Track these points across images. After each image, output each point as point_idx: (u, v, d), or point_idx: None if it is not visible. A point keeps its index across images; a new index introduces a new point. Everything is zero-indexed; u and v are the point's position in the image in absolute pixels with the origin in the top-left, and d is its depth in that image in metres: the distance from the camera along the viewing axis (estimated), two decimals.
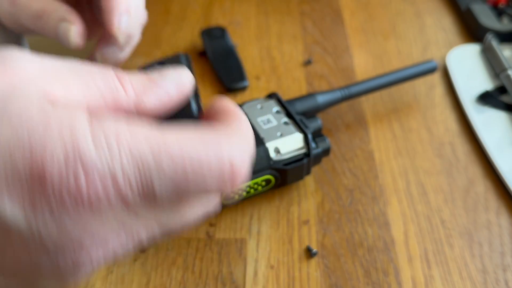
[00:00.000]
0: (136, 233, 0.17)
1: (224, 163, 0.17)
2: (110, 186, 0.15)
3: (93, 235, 0.16)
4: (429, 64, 0.39)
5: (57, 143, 0.14)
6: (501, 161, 0.34)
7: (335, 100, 0.36)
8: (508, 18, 0.46)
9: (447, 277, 0.29)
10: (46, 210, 0.15)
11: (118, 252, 0.17)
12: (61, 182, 0.14)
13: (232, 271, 0.29)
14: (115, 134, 0.15)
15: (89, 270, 0.17)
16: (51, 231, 0.15)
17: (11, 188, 0.14)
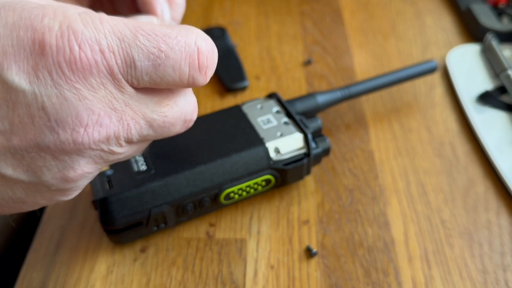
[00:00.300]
0: (125, 122, 0.20)
1: (191, 46, 0.20)
2: (98, 53, 0.18)
3: (88, 110, 0.18)
4: (429, 64, 0.39)
5: (53, 22, 0.18)
6: (501, 161, 0.34)
7: (335, 100, 0.36)
8: (508, 18, 0.46)
9: (447, 277, 0.29)
10: (46, 75, 0.17)
11: (112, 142, 0.20)
12: (58, 50, 0.17)
13: (232, 271, 0.29)
14: (99, 18, 0.19)
15: (89, 166, 0.20)
16: (51, 96, 0.17)
17: (17, 57, 0.17)
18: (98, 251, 0.30)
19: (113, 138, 0.20)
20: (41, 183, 0.19)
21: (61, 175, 0.20)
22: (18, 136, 0.18)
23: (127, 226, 0.29)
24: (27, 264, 0.30)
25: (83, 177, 0.20)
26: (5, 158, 0.18)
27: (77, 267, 0.30)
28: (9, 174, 0.19)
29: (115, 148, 0.20)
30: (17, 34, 0.17)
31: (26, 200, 0.20)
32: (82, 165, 0.20)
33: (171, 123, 0.22)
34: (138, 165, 0.29)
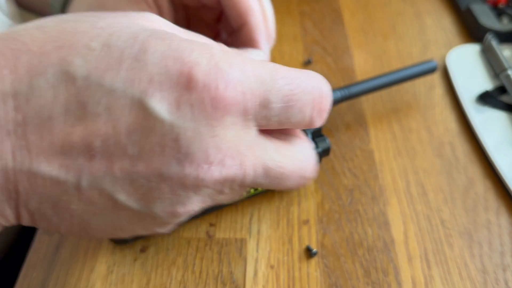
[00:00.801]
0: (245, 166, 0.19)
1: (316, 89, 0.21)
2: (240, 94, 0.18)
3: (216, 148, 0.18)
4: (429, 64, 0.39)
5: (201, 57, 0.18)
6: (501, 161, 0.34)
7: (335, 100, 0.36)
8: (508, 18, 0.46)
9: (447, 277, 0.29)
10: (188, 108, 0.18)
11: (227, 184, 0.19)
12: (204, 86, 0.18)
13: (232, 270, 0.29)
14: (241, 58, 0.19)
15: (197, 205, 0.20)
16: (187, 130, 0.18)
17: (163, 87, 0.17)
18: (99, 251, 0.30)
19: (229, 181, 0.19)
20: (149, 214, 0.19)
21: (171, 209, 0.19)
22: (144, 163, 0.18)
23: None
24: (27, 264, 0.30)
25: (187, 213, 0.20)
26: (124, 183, 0.18)
27: (77, 267, 0.30)
28: (121, 200, 0.19)
29: (227, 190, 0.20)
30: (165, 64, 0.18)
31: (125, 228, 0.20)
32: (193, 202, 0.20)
33: (287, 175, 0.21)
34: None
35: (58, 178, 0.17)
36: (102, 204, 0.18)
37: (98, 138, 0.17)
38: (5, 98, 0.17)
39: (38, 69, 0.17)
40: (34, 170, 0.17)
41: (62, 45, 0.18)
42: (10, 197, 0.18)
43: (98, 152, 0.17)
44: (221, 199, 0.21)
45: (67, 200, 0.18)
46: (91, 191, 0.18)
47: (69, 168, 0.17)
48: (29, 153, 0.17)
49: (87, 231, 0.20)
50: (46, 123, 0.17)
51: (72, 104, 0.17)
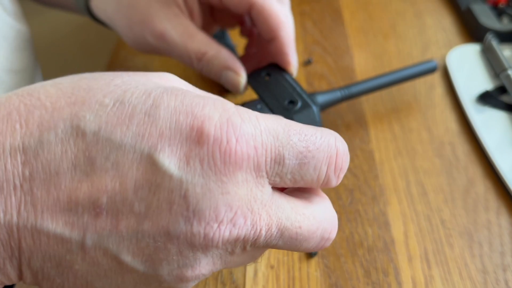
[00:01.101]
0: (258, 226, 0.19)
1: (332, 147, 0.20)
2: (252, 148, 0.18)
3: (227, 206, 0.18)
4: (429, 63, 0.39)
5: (214, 112, 0.18)
6: (501, 161, 0.34)
7: (335, 100, 0.36)
8: (508, 18, 0.46)
9: (447, 277, 0.29)
10: (198, 163, 0.17)
11: (238, 244, 0.19)
12: (215, 140, 0.17)
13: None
14: (255, 115, 0.19)
15: (207, 268, 0.19)
16: (196, 185, 0.17)
17: (172, 141, 0.17)
18: None
19: (241, 241, 0.19)
20: (155, 277, 0.19)
21: (178, 272, 0.19)
22: (150, 221, 0.17)
23: None
24: None
25: (196, 278, 0.19)
26: (129, 243, 0.18)
27: None
28: (127, 261, 0.18)
29: (238, 251, 0.19)
30: (176, 118, 0.18)
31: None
32: (202, 265, 0.19)
33: (305, 237, 0.20)
34: None
35: (62, 236, 0.17)
36: (106, 265, 0.18)
37: (104, 194, 0.17)
38: (15, 152, 0.17)
39: (49, 124, 0.18)
40: (39, 227, 0.17)
41: (75, 101, 0.18)
42: (12, 254, 0.17)
43: (104, 210, 0.17)
44: (233, 261, 0.20)
45: (71, 260, 0.18)
46: (95, 251, 0.18)
47: (74, 226, 0.17)
48: (34, 209, 0.17)
49: None
50: (53, 178, 0.17)
51: (80, 159, 0.17)
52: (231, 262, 0.20)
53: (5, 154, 0.17)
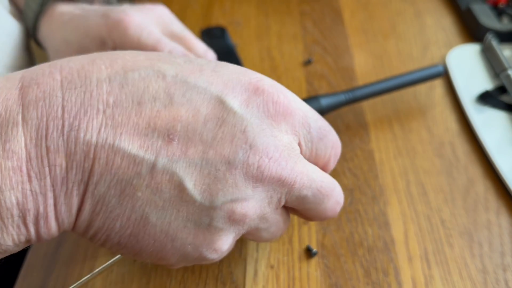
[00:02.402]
0: (295, 173, 0.22)
1: (335, 136, 0.25)
2: (294, 106, 0.22)
3: (274, 147, 0.21)
4: (436, 68, 0.38)
5: (265, 78, 0.23)
6: (501, 161, 0.34)
7: (338, 103, 0.36)
8: (508, 18, 0.46)
9: (447, 277, 0.29)
10: (255, 107, 0.21)
11: (277, 190, 0.22)
12: (269, 93, 0.22)
13: (232, 270, 0.29)
14: None
15: (259, 201, 0.21)
16: (253, 124, 0.21)
17: (235, 89, 0.21)
18: (98, 250, 0.30)
19: (281, 184, 0.21)
20: (208, 210, 0.20)
21: (230, 207, 0.21)
22: (215, 150, 0.20)
23: None
24: (27, 263, 0.30)
25: (242, 222, 0.21)
26: (194, 169, 0.20)
27: (77, 267, 0.30)
28: (188, 188, 0.20)
29: (275, 199, 0.22)
30: (237, 76, 0.22)
31: (177, 238, 0.21)
32: (250, 204, 0.21)
33: (326, 192, 0.23)
34: None
35: (136, 157, 0.19)
36: (167, 193, 0.19)
37: (179, 123, 0.20)
38: (101, 84, 0.19)
39: (133, 67, 0.20)
40: (116, 147, 0.19)
41: (152, 58, 0.21)
42: (82, 179, 0.19)
43: (176, 136, 0.19)
44: (269, 219, 0.23)
45: (136, 185, 0.19)
46: (162, 175, 0.19)
47: (148, 149, 0.19)
48: (114, 131, 0.19)
49: (138, 239, 0.20)
50: (134, 106, 0.19)
51: (160, 93, 0.20)
52: (266, 220, 0.23)
53: (92, 84, 0.19)
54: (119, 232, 0.20)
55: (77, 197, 0.19)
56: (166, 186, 0.19)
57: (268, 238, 0.25)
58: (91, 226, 0.20)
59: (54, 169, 0.18)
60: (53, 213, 0.19)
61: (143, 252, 0.21)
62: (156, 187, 0.19)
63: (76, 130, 0.18)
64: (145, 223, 0.20)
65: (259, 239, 0.24)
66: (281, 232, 0.25)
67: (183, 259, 0.22)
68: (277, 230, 0.24)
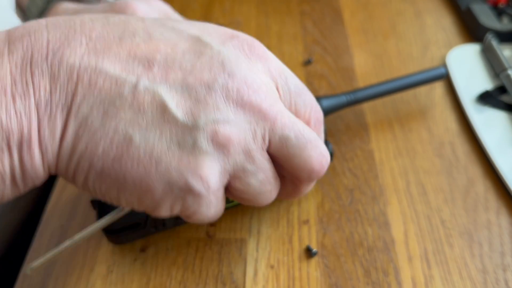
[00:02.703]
0: (275, 112, 0.22)
1: (312, 98, 0.25)
2: (269, 54, 0.25)
3: (253, 79, 0.22)
4: (438, 70, 0.38)
5: (243, 33, 0.24)
6: (501, 161, 0.34)
7: (340, 105, 0.35)
8: (508, 18, 0.46)
9: (447, 277, 0.29)
10: (231, 46, 0.22)
11: (260, 115, 0.22)
12: (244, 39, 0.23)
13: (232, 270, 0.29)
14: None
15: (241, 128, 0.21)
16: (231, 56, 0.22)
17: (214, 35, 0.23)
18: (98, 251, 0.30)
19: (262, 116, 0.22)
20: (191, 130, 0.20)
21: (213, 128, 0.21)
22: (194, 77, 0.21)
23: (125, 226, 0.29)
24: (27, 263, 0.30)
25: (226, 146, 0.21)
26: (175, 93, 0.20)
27: (77, 267, 0.30)
28: (170, 107, 0.20)
29: (259, 135, 0.22)
30: (218, 29, 0.23)
31: (161, 161, 0.20)
32: (232, 127, 0.21)
33: (309, 138, 0.23)
34: None
35: (118, 78, 0.20)
36: (150, 114, 0.20)
37: (158, 54, 0.21)
38: (83, 23, 0.21)
39: (113, 15, 0.22)
40: (98, 68, 0.20)
41: (125, 15, 0.24)
42: (65, 101, 0.19)
43: (156, 64, 0.20)
44: (254, 160, 0.22)
45: (120, 105, 0.20)
46: (145, 95, 0.20)
47: (129, 72, 0.20)
48: (96, 56, 0.20)
49: (121, 163, 0.20)
50: (115, 41, 0.21)
51: (140, 32, 0.21)
52: (253, 159, 0.22)
53: (76, 25, 0.20)
54: (102, 156, 0.20)
55: (60, 120, 0.19)
56: (148, 106, 0.20)
57: (257, 189, 0.23)
58: (74, 153, 0.20)
59: (38, 91, 0.19)
60: (36, 137, 0.19)
61: (127, 181, 0.20)
62: (138, 107, 0.20)
63: (60, 57, 0.19)
64: (129, 144, 0.20)
65: (248, 190, 0.23)
66: (271, 188, 0.24)
67: (168, 191, 0.21)
68: (266, 179, 0.23)
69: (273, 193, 0.24)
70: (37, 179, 0.20)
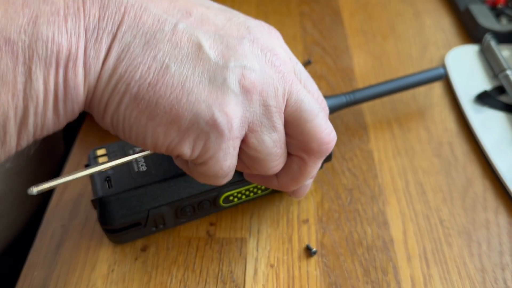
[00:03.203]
0: (289, 62, 0.25)
1: (329, 123, 0.26)
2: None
3: (271, 45, 0.25)
4: (437, 71, 0.38)
5: None
6: (499, 160, 0.35)
7: (340, 105, 0.36)
8: (506, 19, 0.46)
9: (446, 276, 0.29)
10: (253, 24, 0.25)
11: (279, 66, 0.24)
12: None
13: (232, 269, 0.29)
14: None
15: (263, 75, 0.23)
16: (255, 27, 0.24)
17: None
18: (99, 250, 0.31)
19: (281, 77, 0.24)
20: (222, 69, 0.22)
21: (240, 71, 0.23)
22: (225, 31, 0.23)
23: (125, 226, 0.29)
24: (28, 263, 0.30)
25: (249, 90, 0.23)
26: (209, 37, 0.23)
27: (78, 266, 0.30)
28: (204, 47, 0.22)
29: (277, 100, 0.24)
30: None
31: (192, 93, 0.22)
32: (256, 74, 0.23)
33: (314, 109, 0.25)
34: (138, 165, 0.30)
35: (160, 17, 0.22)
36: (186, 49, 0.22)
37: (195, 9, 0.23)
38: None
39: None
40: (144, 6, 0.22)
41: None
42: (112, 29, 0.21)
43: (193, 15, 0.23)
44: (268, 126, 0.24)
45: (159, 38, 0.22)
46: (183, 33, 0.22)
47: (170, 15, 0.22)
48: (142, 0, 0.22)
49: (155, 89, 0.21)
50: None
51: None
52: (270, 116, 0.24)
53: None
54: (139, 80, 0.21)
55: (105, 44, 0.21)
56: (185, 43, 0.22)
57: (269, 149, 0.25)
58: (113, 74, 0.21)
59: (88, 17, 0.21)
60: (82, 56, 0.21)
61: (159, 107, 0.22)
62: (176, 42, 0.22)
63: None
64: (165, 72, 0.21)
65: (261, 148, 0.24)
66: (281, 154, 0.25)
67: (195, 122, 0.22)
68: (278, 141, 0.25)
69: (280, 162, 0.26)
70: (76, 103, 0.21)
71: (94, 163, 0.30)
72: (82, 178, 0.35)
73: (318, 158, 0.26)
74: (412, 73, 0.38)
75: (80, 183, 0.35)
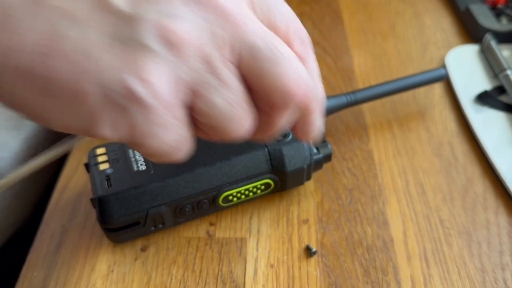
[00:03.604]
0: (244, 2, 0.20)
1: (298, 64, 0.20)
2: None
3: None
4: (438, 71, 0.38)
5: None
6: (499, 160, 0.35)
7: (340, 106, 0.36)
8: (507, 18, 0.46)
9: (446, 276, 0.29)
10: None
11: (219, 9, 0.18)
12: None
13: (232, 270, 0.29)
14: None
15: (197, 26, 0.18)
16: None
17: None
18: (99, 250, 0.31)
19: (223, 18, 0.18)
20: (135, 22, 0.17)
21: (159, 21, 0.17)
22: None
23: (124, 225, 0.29)
24: (28, 263, 0.30)
25: (177, 40, 0.18)
26: None
27: (78, 266, 0.30)
28: None
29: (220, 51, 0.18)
30: None
31: (100, 60, 0.17)
32: (185, 24, 0.18)
33: (282, 54, 0.19)
34: (138, 165, 0.30)
35: None
36: (85, 2, 0.17)
37: None
38: None
39: None
40: None
41: None
42: None
43: None
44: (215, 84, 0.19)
45: None
46: None
47: None
48: None
49: (46, 58, 0.17)
50: None
51: None
52: (215, 70, 0.19)
53: None
54: (20, 50, 0.17)
55: None
56: None
57: (225, 112, 0.19)
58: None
59: None
60: None
61: (54, 82, 0.17)
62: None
63: None
64: (56, 36, 0.17)
65: (214, 113, 0.19)
66: (242, 114, 0.20)
67: (105, 96, 0.17)
68: (234, 100, 0.19)
69: (246, 121, 0.20)
70: None
71: (94, 162, 0.30)
72: (82, 177, 0.35)
73: (285, 110, 0.20)
74: (413, 74, 0.38)
75: (80, 183, 0.35)
